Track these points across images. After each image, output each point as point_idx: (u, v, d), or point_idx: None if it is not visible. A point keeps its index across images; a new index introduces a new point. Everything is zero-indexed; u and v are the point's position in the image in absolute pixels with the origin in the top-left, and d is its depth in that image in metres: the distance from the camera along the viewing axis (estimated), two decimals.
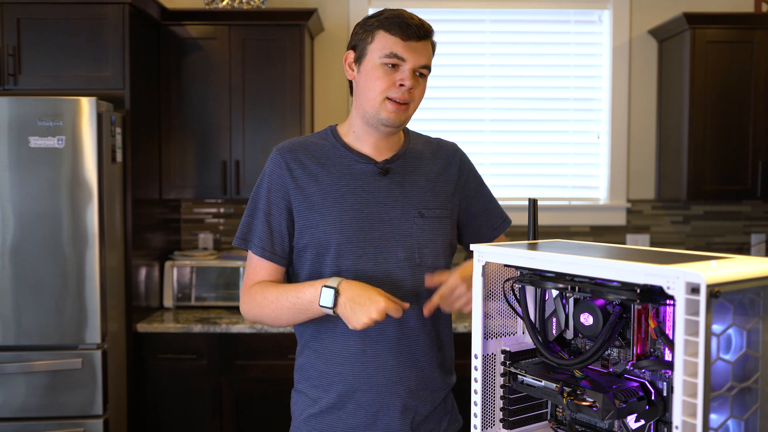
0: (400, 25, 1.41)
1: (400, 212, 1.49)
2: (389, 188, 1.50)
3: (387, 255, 1.46)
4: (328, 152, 1.52)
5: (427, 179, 1.54)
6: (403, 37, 1.41)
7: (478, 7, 3.43)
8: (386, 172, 1.50)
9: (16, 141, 2.52)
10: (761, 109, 3.12)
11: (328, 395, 1.48)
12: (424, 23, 1.45)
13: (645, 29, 3.44)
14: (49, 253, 2.54)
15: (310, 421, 1.51)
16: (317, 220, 1.47)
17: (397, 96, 1.42)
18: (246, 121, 3.11)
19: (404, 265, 1.47)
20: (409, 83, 1.41)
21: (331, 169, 1.50)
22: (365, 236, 1.46)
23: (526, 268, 1.07)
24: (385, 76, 1.42)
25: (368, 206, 1.47)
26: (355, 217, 1.46)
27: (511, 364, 1.13)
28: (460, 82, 3.47)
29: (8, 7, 2.72)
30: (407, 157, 1.55)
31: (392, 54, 1.41)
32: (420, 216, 1.49)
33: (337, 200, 1.47)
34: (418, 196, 1.51)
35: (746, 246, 3.51)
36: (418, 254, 1.48)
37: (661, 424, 0.96)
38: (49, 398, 2.54)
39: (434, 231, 1.50)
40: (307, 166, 1.49)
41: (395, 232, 1.48)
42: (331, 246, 1.45)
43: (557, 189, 3.52)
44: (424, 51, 1.44)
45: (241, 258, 3.18)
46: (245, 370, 2.87)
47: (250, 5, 3.16)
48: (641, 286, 0.89)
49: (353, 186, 1.48)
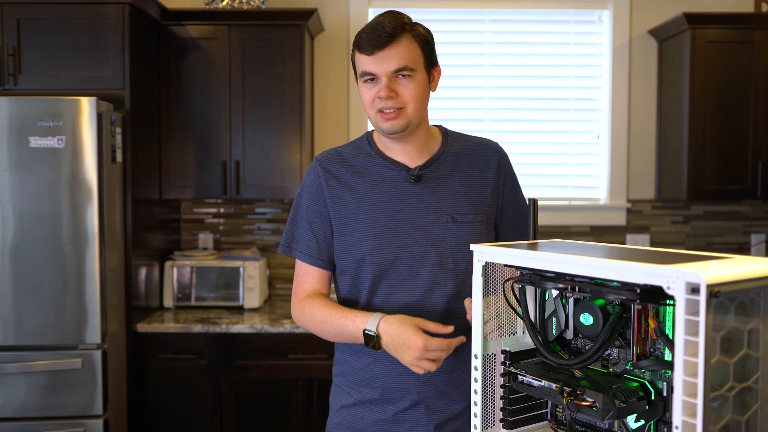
0: (364, 41, 1.43)
1: (433, 218, 1.50)
2: (422, 194, 1.51)
3: (420, 260, 1.48)
4: (363, 161, 1.56)
5: (462, 183, 1.54)
6: (369, 52, 1.43)
7: (478, 7, 3.43)
8: (418, 179, 1.52)
9: (16, 141, 2.52)
10: (761, 109, 3.12)
11: (360, 390, 1.54)
12: (387, 26, 1.41)
13: (645, 29, 3.44)
14: (49, 253, 2.54)
15: (342, 411, 1.58)
16: (352, 228, 1.51)
17: (381, 106, 1.45)
18: (246, 121, 3.11)
19: (438, 270, 1.49)
20: (385, 93, 1.42)
21: (366, 178, 1.53)
22: (399, 242, 1.49)
23: (526, 268, 1.07)
24: (368, 92, 1.46)
25: (401, 213, 1.50)
26: (387, 224, 1.49)
27: (511, 364, 1.13)
28: (460, 82, 3.47)
29: (8, 7, 2.72)
30: (442, 161, 1.55)
31: (363, 72, 1.45)
32: (453, 221, 1.50)
33: (371, 208, 1.50)
34: (451, 201, 1.52)
35: (746, 246, 3.51)
36: (452, 259, 1.49)
37: (661, 424, 0.96)
38: (49, 398, 2.54)
39: (468, 236, 1.50)
40: (343, 176, 1.54)
41: (428, 238, 1.49)
42: (366, 254, 1.49)
43: (557, 189, 3.52)
44: (394, 56, 1.42)
45: (241, 258, 3.18)
46: (245, 370, 2.87)
47: (250, 5, 3.16)
48: (641, 286, 0.89)
49: (386, 194, 1.51)
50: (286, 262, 3.47)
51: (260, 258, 3.24)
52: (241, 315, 3.02)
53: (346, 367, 1.58)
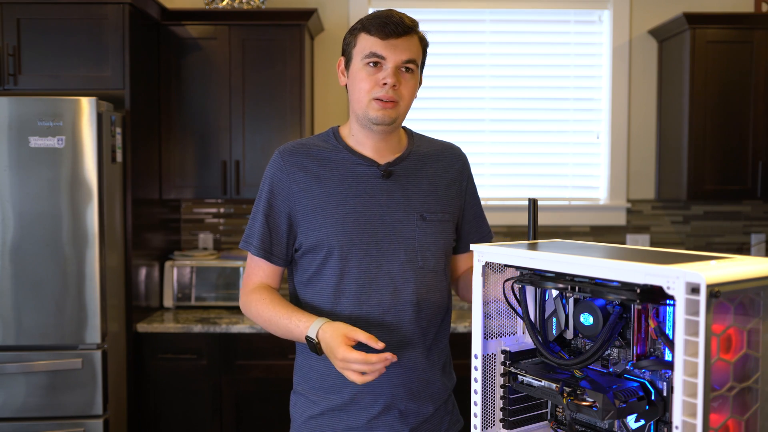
0: (378, 25, 1.42)
1: (402, 215, 1.49)
2: (391, 191, 1.50)
3: (390, 257, 1.47)
4: (330, 154, 1.52)
5: (430, 182, 1.54)
6: (382, 36, 1.42)
7: (478, 7, 3.43)
8: (389, 175, 1.50)
9: (16, 141, 2.52)
10: (761, 109, 3.12)
11: (329, 397, 1.49)
12: (405, 19, 1.44)
13: (645, 29, 3.44)
14: (49, 253, 2.54)
15: (310, 422, 1.51)
16: (320, 223, 1.48)
17: (382, 95, 1.43)
18: (246, 121, 3.11)
19: (406, 267, 1.48)
20: (392, 80, 1.42)
21: (334, 172, 1.50)
22: (368, 239, 1.47)
23: (526, 268, 1.07)
24: (369, 77, 1.44)
25: (371, 209, 1.48)
26: (357, 220, 1.47)
27: (511, 364, 1.13)
28: (460, 82, 3.47)
29: (8, 7, 2.72)
30: (411, 159, 1.55)
31: (371, 54, 1.42)
32: (422, 219, 1.50)
33: (340, 203, 1.48)
34: (420, 200, 1.51)
35: (746, 246, 3.51)
36: (421, 257, 1.49)
37: (661, 424, 0.96)
38: (49, 398, 2.54)
39: (436, 234, 1.51)
40: (309, 169, 1.50)
41: (397, 235, 1.48)
42: (334, 248, 1.46)
43: (557, 189, 3.52)
44: (406, 47, 1.43)
45: (241, 258, 3.18)
46: (245, 370, 2.87)
47: (250, 5, 3.16)
48: (641, 286, 0.89)
49: (356, 189, 1.49)
50: None
51: None
52: (241, 315, 3.02)
53: (311, 373, 1.52)
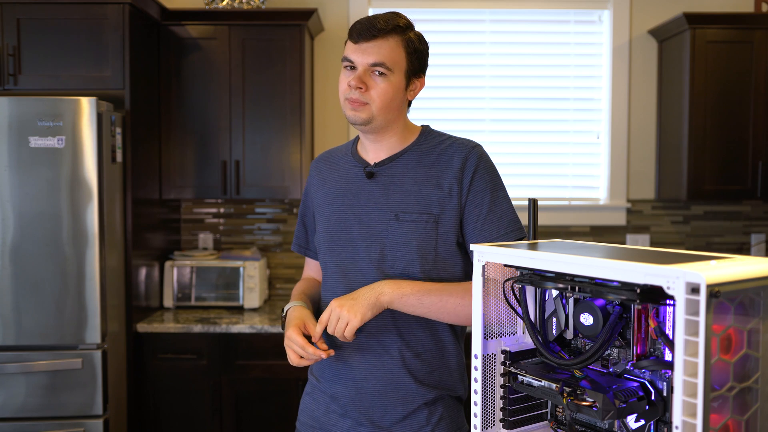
0: (354, 29, 1.46)
1: (377, 215, 1.50)
2: (372, 191, 1.53)
3: (362, 255, 1.50)
4: (341, 158, 1.62)
5: (415, 181, 1.50)
6: (354, 40, 1.46)
7: (478, 7, 3.43)
8: (370, 176, 1.53)
9: (16, 141, 2.52)
10: (761, 109, 3.12)
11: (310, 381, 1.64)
12: (379, 21, 1.44)
13: (645, 29, 3.44)
14: (49, 253, 2.54)
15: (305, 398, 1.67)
16: (318, 221, 1.60)
17: (349, 96, 1.47)
18: (246, 121, 3.11)
19: (376, 266, 1.48)
20: (354, 83, 1.44)
21: (335, 174, 1.60)
22: (345, 236, 1.52)
23: (526, 268, 1.07)
24: (344, 80, 1.49)
25: (352, 208, 1.53)
26: (339, 218, 1.54)
27: (511, 364, 1.13)
28: (460, 82, 3.47)
29: (8, 7, 2.72)
30: (402, 159, 1.53)
31: (344, 58, 1.49)
32: (396, 219, 1.48)
33: (330, 203, 1.57)
34: (398, 199, 1.50)
35: (746, 246, 3.51)
36: (390, 257, 1.48)
37: (661, 424, 0.96)
38: (49, 398, 2.54)
39: (409, 235, 1.47)
40: (322, 172, 1.64)
41: (370, 234, 1.50)
42: (321, 245, 1.57)
43: (557, 189, 3.52)
44: (375, 51, 1.44)
45: (241, 258, 3.18)
46: (245, 370, 2.87)
47: (250, 5, 3.16)
48: (641, 286, 0.89)
49: (344, 189, 1.56)
50: (286, 262, 3.47)
51: (260, 258, 3.24)
52: (241, 315, 3.02)
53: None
